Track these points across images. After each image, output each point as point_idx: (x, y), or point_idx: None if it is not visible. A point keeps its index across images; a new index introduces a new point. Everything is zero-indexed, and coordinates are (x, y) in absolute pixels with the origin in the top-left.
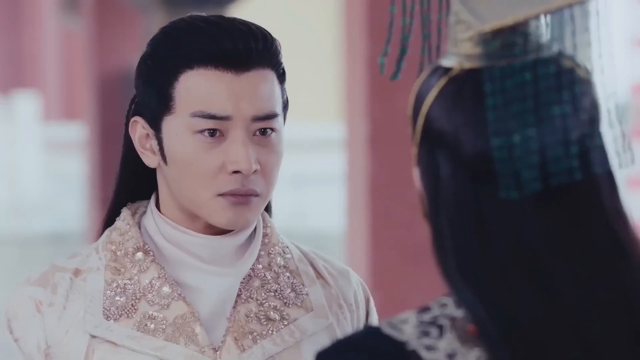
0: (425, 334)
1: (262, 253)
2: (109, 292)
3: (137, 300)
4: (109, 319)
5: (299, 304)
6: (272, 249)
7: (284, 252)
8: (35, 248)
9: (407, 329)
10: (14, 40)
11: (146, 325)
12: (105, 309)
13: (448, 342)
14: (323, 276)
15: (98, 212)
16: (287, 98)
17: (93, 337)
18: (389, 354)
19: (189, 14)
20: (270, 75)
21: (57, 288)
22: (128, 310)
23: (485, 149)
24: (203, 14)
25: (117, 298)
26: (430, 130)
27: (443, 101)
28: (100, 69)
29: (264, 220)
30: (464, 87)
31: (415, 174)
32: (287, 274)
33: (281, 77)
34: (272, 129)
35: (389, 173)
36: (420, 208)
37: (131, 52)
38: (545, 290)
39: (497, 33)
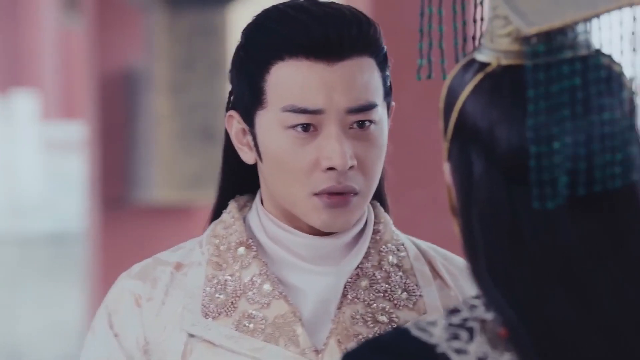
0: (455, 336)
1: (372, 251)
2: (208, 288)
3: (237, 298)
4: (207, 316)
5: (411, 306)
6: (383, 246)
7: (398, 250)
8: (35, 248)
9: (436, 331)
10: (12, 39)
11: (245, 324)
12: (204, 306)
13: (478, 345)
14: (441, 276)
15: (99, 212)
16: (390, 85)
17: (191, 336)
18: (417, 357)
19: (283, 1)
20: (368, 63)
21: (157, 282)
22: (228, 309)
23: (521, 147)
24: None
25: (217, 295)
26: (463, 126)
27: (479, 97)
28: (101, 68)
29: (376, 215)
30: (501, 83)
31: (446, 168)
32: (400, 273)
33: (382, 63)
34: (371, 121)
35: (394, 173)
36: (448, 203)
37: (132, 52)
38: (579, 296)
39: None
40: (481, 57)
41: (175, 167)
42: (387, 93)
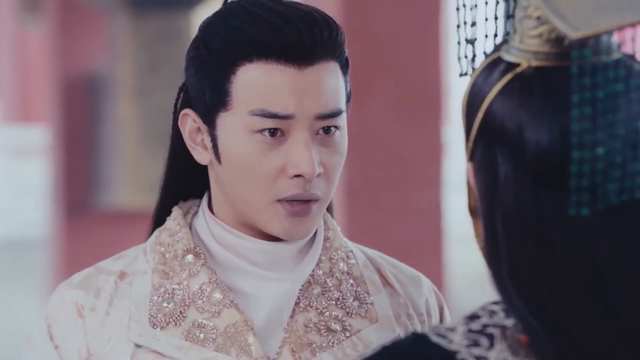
0: (475, 343)
1: (323, 258)
2: (155, 297)
3: (186, 307)
4: (155, 326)
5: (363, 314)
6: (334, 253)
7: (348, 257)
8: None
9: (455, 337)
10: None
11: (195, 334)
12: (152, 316)
13: (499, 352)
14: (390, 283)
15: (61, 217)
16: (350, 90)
17: (138, 346)
18: None
19: None
20: (335, 68)
21: (101, 292)
22: (176, 318)
23: (551, 150)
24: None
25: (165, 304)
26: (490, 126)
27: (508, 98)
28: (64, 72)
29: (325, 222)
30: (532, 85)
31: (468, 168)
32: (351, 281)
33: (344, 67)
34: (336, 127)
35: (365, 177)
36: (467, 201)
37: (95, 55)
38: (605, 304)
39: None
40: (509, 57)
41: (139, 171)
42: (348, 98)
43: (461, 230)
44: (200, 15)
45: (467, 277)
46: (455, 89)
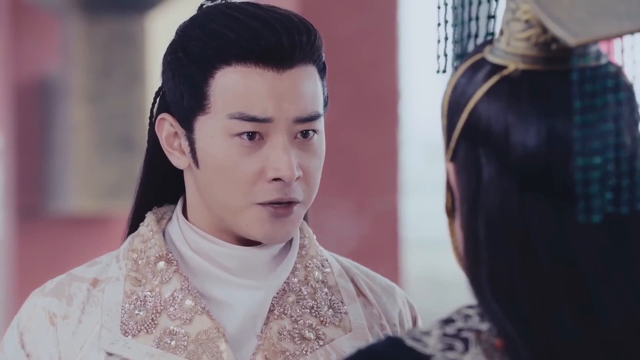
0: (450, 347)
1: (299, 266)
2: (127, 305)
3: (157, 314)
4: (126, 334)
5: (337, 323)
6: (309, 261)
7: (323, 266)
8: None
9: (430, 341)
10: None
11: (166, 341)
12: (123, 323)
13: (473, 356)
14: (364, 294)
15: (13, 222)
16: (327, 94)
17: (109, 354)
18: None
19: (221, 1)
20: (313, 71)
21: (73, 300)
22: (148, 325)
23: (538, 153)
24: (237, 1)
25: (137, 312)
26: (475, 128)
27: (494, 99)
28: (15, 76)
29: (301, 230)
30: (519, 88)
31: (449, 168)
32: (325, 289)
33: (322, 72)
34: (315, 131)
35: (321, 182)
36: (445, 201)
37: (47, 59)
38: (586, 313)
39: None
40: (494, 59)
41: (92, 176)
42: (326, 102)
43: (417, 234)
44: (154, 19)
45: (423, 280)
46: (410, 94)
